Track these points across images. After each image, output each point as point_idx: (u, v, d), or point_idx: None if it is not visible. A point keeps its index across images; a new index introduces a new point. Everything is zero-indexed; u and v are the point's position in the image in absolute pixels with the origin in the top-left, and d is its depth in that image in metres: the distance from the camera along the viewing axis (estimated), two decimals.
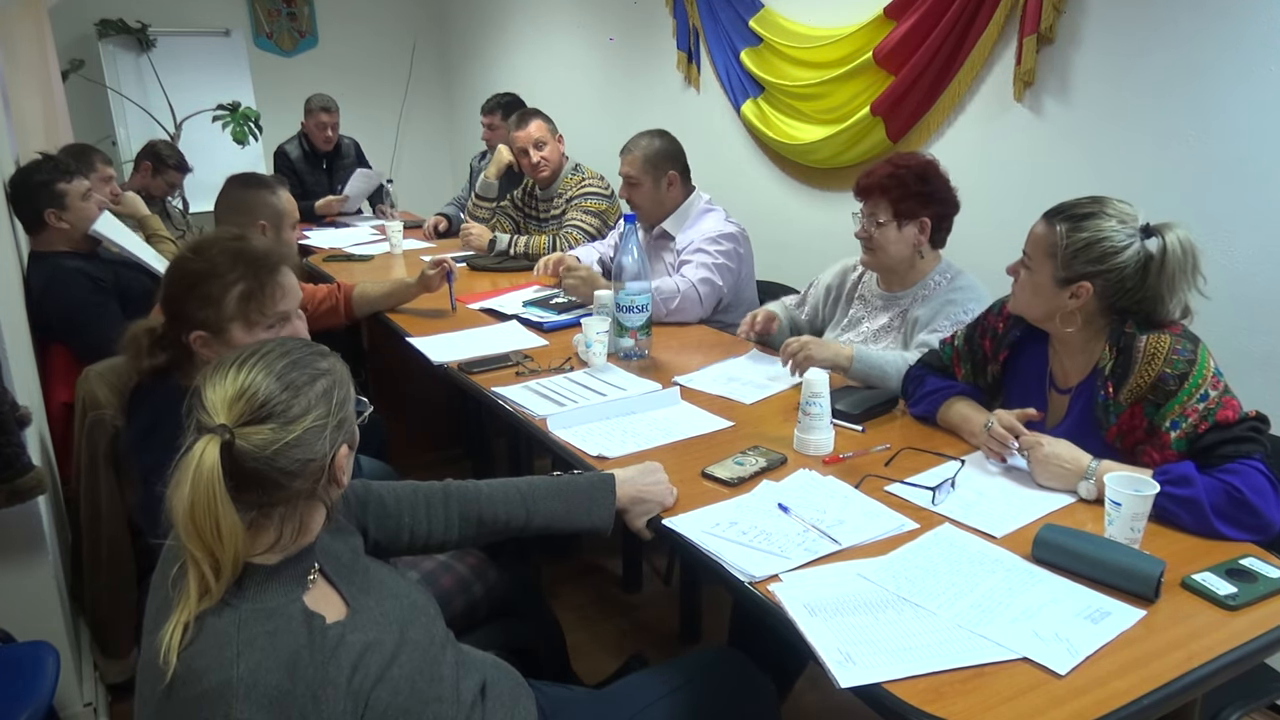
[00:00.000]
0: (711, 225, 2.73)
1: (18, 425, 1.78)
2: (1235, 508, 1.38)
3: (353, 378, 1.13)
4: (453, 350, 2.39)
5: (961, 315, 2.03)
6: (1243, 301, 2.26)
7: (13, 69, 3.64)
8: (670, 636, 2.60)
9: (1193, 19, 2.30)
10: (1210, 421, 1.46)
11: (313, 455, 1.02)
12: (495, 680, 1.29)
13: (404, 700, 1.07)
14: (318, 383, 1.05)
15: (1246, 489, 1.38)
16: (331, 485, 1.07)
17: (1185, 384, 1.48)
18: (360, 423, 1.14)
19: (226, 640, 0.96)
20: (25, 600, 1.95)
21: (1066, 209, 1.59)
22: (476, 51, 6.16)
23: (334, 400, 1.05)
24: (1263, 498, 1.38)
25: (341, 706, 1.00)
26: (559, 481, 1.50)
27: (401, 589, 1.23)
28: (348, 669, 1.03)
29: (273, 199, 2.45)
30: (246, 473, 0.99)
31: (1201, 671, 1.10)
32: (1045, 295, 1.61)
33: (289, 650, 0.99)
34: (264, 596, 1.02)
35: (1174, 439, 1.49)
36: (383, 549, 1.38)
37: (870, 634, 1.17)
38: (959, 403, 1.77)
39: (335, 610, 1.10)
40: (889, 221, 2.09)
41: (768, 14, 3.59)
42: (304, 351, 1.08)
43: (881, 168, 2.11)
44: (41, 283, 2.68)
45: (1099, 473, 1.47)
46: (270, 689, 0.95)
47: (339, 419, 1.05)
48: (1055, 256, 1.57)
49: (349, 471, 1.11)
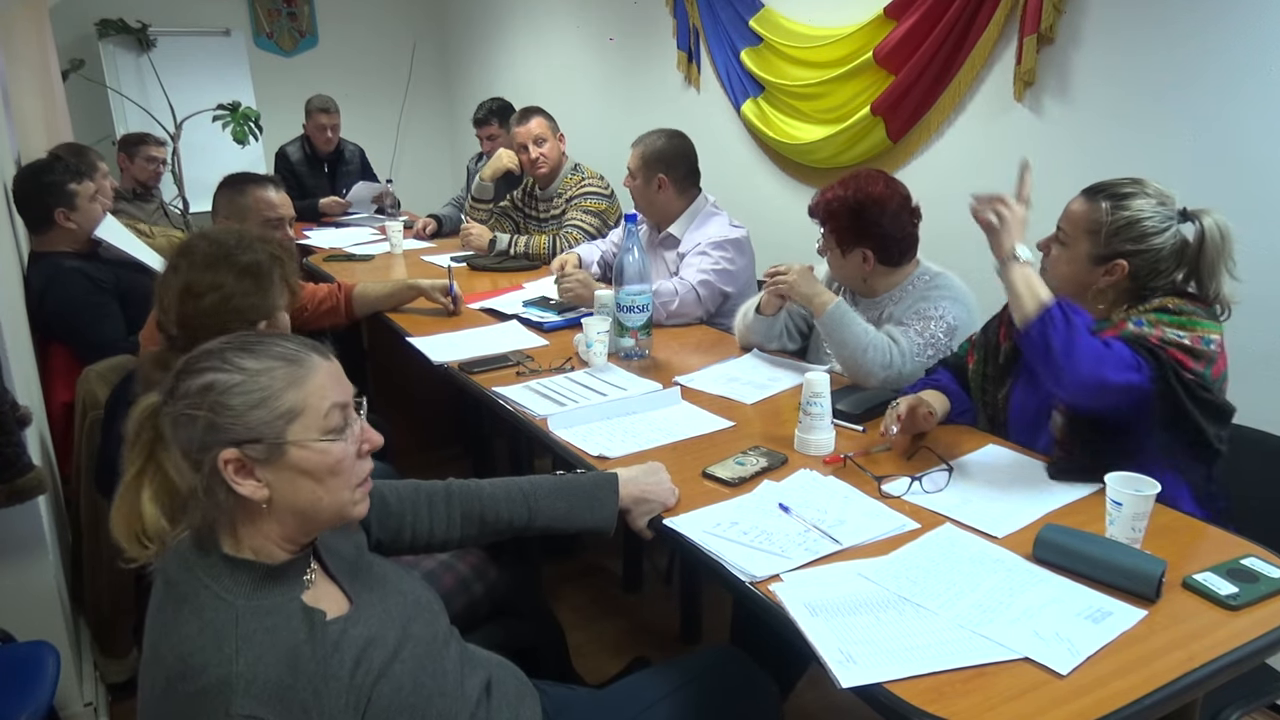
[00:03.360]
0: (715, 230, 2.72)
1: (18, 425, 1.78)
2: (1091, 351, 1.45)
3: (352, 378, 1.12)
4: (453, 350, 2.39)
5: (931, 311, 2.03)
6: (1243, 300, 2.24)
7: (13, 69, 3.65)
8: (670, 636, 2.60)
9: (1192, 19, 2.30)
10: (1158, 343, 1.49)
11: (186, 443, 1.02)
12: (501, 679, 1.29)
13: (407, 695, 1.07)
14: (207, 375, 1.03)
15: (1115, 348, 1.47)
16: (226, 490, 1.02)
17: (1180, 315, 1.52)
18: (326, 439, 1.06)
19: (225, 636, 0.96)
20: (25, 600, 1.95)
21: (1108, 187, 1.60)
22: (476, 52, 6.16)
23: (211, 398, 1.01)
24: (1098, 359, 1.45)
25: (344, 701, 1.00)
26: (562, 481, 1.50)
27: (405, 585, 1.23)
28: (350, 664, 1.03)
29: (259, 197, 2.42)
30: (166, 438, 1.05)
31: (1202, 671, 1.10)
32: (1081, 271, 1.62)
33: (289, 645, 0.99)
34: (260, 594, 1.02)
35: (1129, 328, 1.53)
36: (385, 548, 1.38)
37: (871, 634, 1.17)
38: (925, 391, 1.79)
39: (337, 606, 1.10)
40: (834, 248, 2.13)
41: (768, 14, 3.59)
42: (237, 344, 1.07)
43: (824, 193, 2.12)
44: (41, 283, 2.68)
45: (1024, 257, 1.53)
46: (271, 683, 0.95)
47: (221, 421, 1.01)
48: (1097, 233, 1.58)
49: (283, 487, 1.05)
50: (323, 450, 1.06)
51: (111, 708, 2.23)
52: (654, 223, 2.85)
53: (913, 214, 2.09)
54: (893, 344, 1.98)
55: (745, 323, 2.32)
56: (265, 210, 2.40)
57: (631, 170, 2.79)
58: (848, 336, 1.98)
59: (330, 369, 1.10)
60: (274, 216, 2.40)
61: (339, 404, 1.08)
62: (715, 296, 2.64)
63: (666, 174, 2.75)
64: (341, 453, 1.07)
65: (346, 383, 1.11)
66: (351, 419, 1.10)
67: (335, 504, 1.08)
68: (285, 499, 1.05)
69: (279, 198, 2.44)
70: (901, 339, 1.99)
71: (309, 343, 1.12)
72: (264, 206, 2.40)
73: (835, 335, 2.00)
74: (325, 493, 1.07)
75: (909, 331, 2.01)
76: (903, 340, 1.99)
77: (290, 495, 1.05)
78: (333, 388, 1.08)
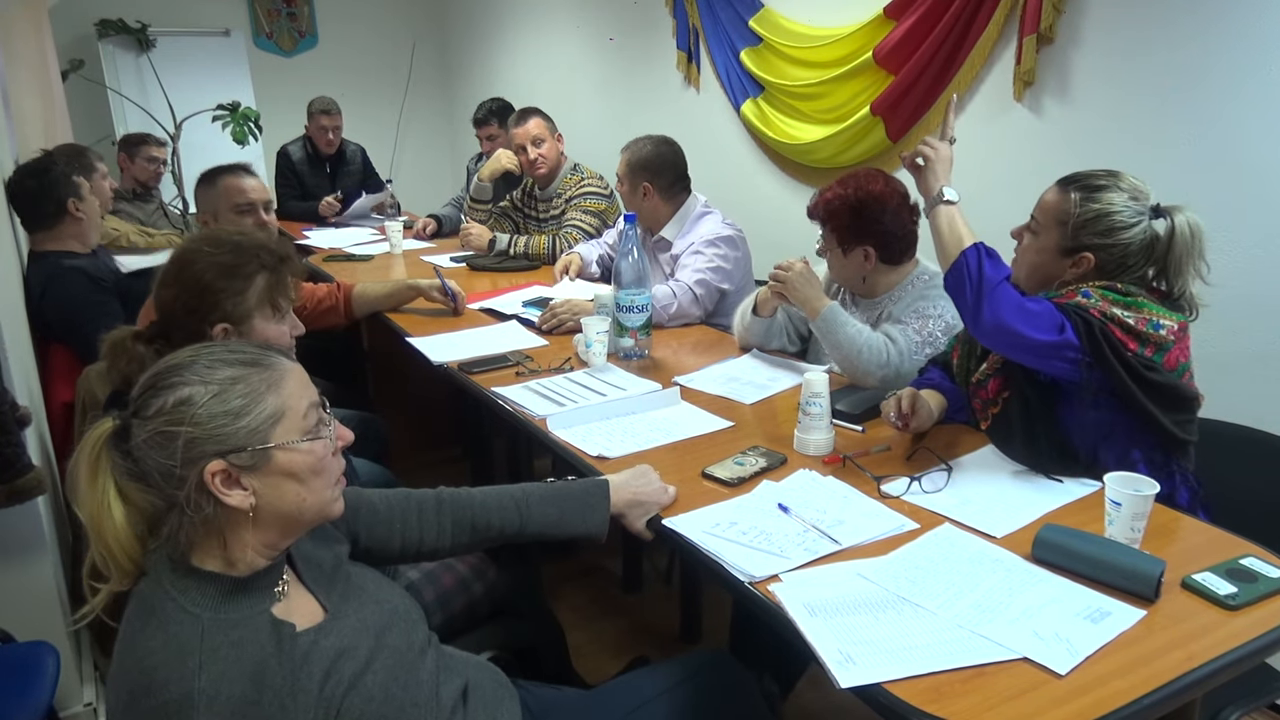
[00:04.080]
0: (708, 228, 2.73)
1: (18, 425, 1.78)
2: (1010, 303, 1.48)
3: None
4: (453, 350, 2.39)
5: (930, 310, 2.04)
6: (1241, 300, 2.26)
7: (13, 69, 3.65)
8: (670, 637, 2.60)
9: (1192, 19, 2.30)
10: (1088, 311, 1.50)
11: (164, 462, 0.99)
12: (478, 683, 1.29)
13: (378, 706, 1.06)
14: (180, 389, 1.01)
15: (1039, 309, 1.50)
16: (212, 501, 1.01)
17: (1127, 297, 1.53)
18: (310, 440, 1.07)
19: (189, 651, 0.96)
20: (25, 600, 1.95)
21: (1082, 178, 1.60)
22: (476, 51, 6.16)
23: (190, 411, 0.99)
24: (1017, 308, 1.48)
25: (312, 715, 0.99)
26: (553, 488, 1.50)
27: (384, 595, 1.22)
28: (319, 676, 1.02)
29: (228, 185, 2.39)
30: (134, 458, 1.01)
31: (1201, 671, 1.10)
32: (1048, 261, 1.62)
33: (254, 660, 0.98)
34: (228, 608, 1.01)
35: (1075, 299, 1.53)
36: (374, 556, 1.36)
37: (870, 634, 1.17)
38: (922, 392, 1.78)
39: (310, 617, 1.09)
40: (834, 247, 2.13)
41: (768, 14, 3.59)
42: (203, 356, 1.05)
43: (824, 193, 2.12)
44: (41, 283, 2.68)
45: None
46: (233, 699, 0.94)
47: (203, 433, 0.99)
48: (1065, 224, 1.58)
49: (270, 492, 1.04)
50: (307, 450, 1.06)
51: None
52: (645, 227, 2.86)
53: (912, 211, 2.09)
54: (890, 343, 1.98)
55: (743, 323, 2.33)
56: (234, 196, 2.37)
57: (620, 176, 2.83)
58: (842, 338, 1.98)
59: (298, 370, 1.10)
60: (243, 202, 2.38)
61: (314, 403, 1.09)
62: (713, 294, 2.64)
63: (651, 182, 2.77)
64: (324, 450, 1.08)
65: (311, 383, 1.12)
66: (324, 417, 1.11)
67: (318, 503, 1.09)
68: (271, 504, 1.04)
69: (249, 183, 2.41)
70: (900, 338, 1.99)
71: (271, 346, 1.13)
72: (233, 193, 2.38)
73: (830, 337, 2.00)
74: (309, 493, 1.07)
75: (907, 330, 2.01)
76: (900, 339, 1.99)
77: (276, 500, 1.04)
78: (305, 388, 1.09)
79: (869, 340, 1.98)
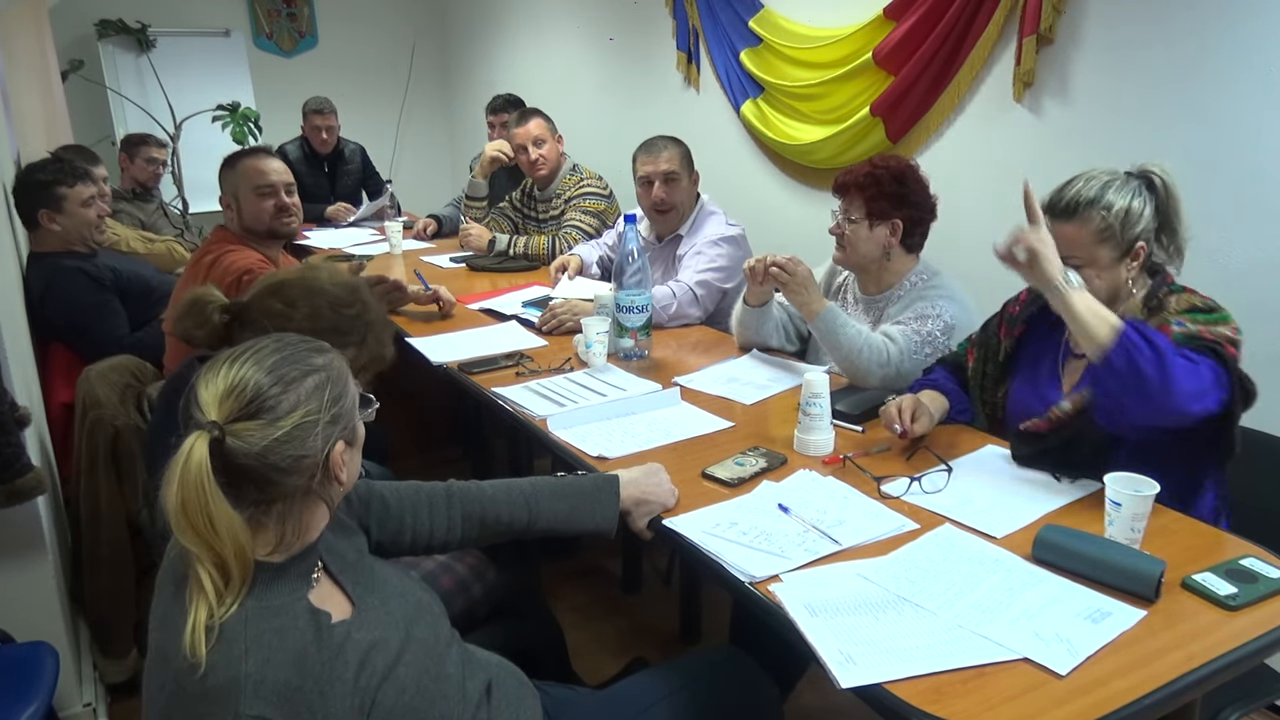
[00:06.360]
0: (712, 229, 2.73)
1: (17, 425, 1.78)
2: (1189, 373, 1.41)
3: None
4: (452, 350, 2.39)
5: (929, 310, 2.04)
6: (1241, 301, 2.23)
7: (13, 69, 3.65)
8: (670, 636, 2.60)
9: (1192, 19, 2.30)
10: (1213, 339, 1.50)
11: (305, 451, 1.02)
12: (501, 680, 1.29)
13: (410, 698, 1.07)
14: (309, 379, 1.04)
15: (1202, 368, 1.45)
16: (330, 483, 1.07)
17: (1211, 313, 1.54)
18: (365, 418, 1.15)
19: (234, 637, 0.96)
20: (25, 600, 1.95)
21: (1078, 198, 1.60)
22: (476, 51, 6.16)
23: (326, 396, 1.04)
24: (1198, 377, 1.43)
25: (348, 704, 1.00)
26: (562, 482, 1.50)
27: (406, 587, 1.23)
28: (354, 666, 1.03)
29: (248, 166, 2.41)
30: (239, 469, 0.99)
31: (1201, 672, 1.10)
32: (1113, 274, 1.62)
33: (296, 647, 0.99)
34: (269, 594, 1.02)
35: (1175, 333, 1.52)
36: (385, 549, 1.38)
37: (871, 634, 1.17)
38: (922, 393, 1.79)
39: (340, 608, 1.10)
40: (861, 220, 2.10)
41: (767, 14, 3.59)
42: (299, 347, 1.08)
43: (861, 166, 2.13)
44: (42, 284, 2.68)
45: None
46: (279, 685, 0.95)
47: (332, 414, 1.05)
48: (1113, 236, 1.59)
49: (351, 468, 1.11)
50: (366, 419, 1.15)
51: (111, 708, 2.23)
52: (672, 226, 2.84)
53: (933, 208, 2.16)
54: (889, 343, 1.98)
55: (737, 318, 2.33)
56: (254, 178, 2.38)
57: (675, 171, 2.76)
58: (841, 339, 1.98)
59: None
60: (264, 184, 2.38)
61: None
62: (714, 295, 2.64)
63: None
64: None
65: None
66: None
67: (354, 476, 1.15)
68: (351, 478, 1.11)
69: (270, 165, 2.42)
70: (899, 337, 1.99)
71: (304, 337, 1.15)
72: (253, 175, 2.39)
73: (829, 339, 2.00)
74: (357, 465, 1.13)
75: (906, 330, 2.01)
76: (900, 339, 1.99)
77: (353, 473, 1.12)
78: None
79: (869, 340, 1.98)
